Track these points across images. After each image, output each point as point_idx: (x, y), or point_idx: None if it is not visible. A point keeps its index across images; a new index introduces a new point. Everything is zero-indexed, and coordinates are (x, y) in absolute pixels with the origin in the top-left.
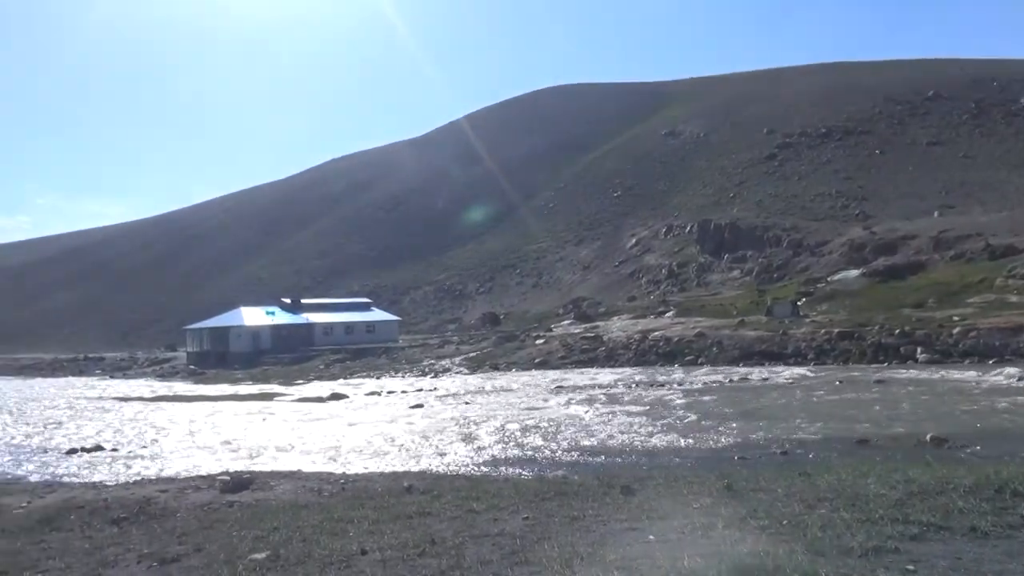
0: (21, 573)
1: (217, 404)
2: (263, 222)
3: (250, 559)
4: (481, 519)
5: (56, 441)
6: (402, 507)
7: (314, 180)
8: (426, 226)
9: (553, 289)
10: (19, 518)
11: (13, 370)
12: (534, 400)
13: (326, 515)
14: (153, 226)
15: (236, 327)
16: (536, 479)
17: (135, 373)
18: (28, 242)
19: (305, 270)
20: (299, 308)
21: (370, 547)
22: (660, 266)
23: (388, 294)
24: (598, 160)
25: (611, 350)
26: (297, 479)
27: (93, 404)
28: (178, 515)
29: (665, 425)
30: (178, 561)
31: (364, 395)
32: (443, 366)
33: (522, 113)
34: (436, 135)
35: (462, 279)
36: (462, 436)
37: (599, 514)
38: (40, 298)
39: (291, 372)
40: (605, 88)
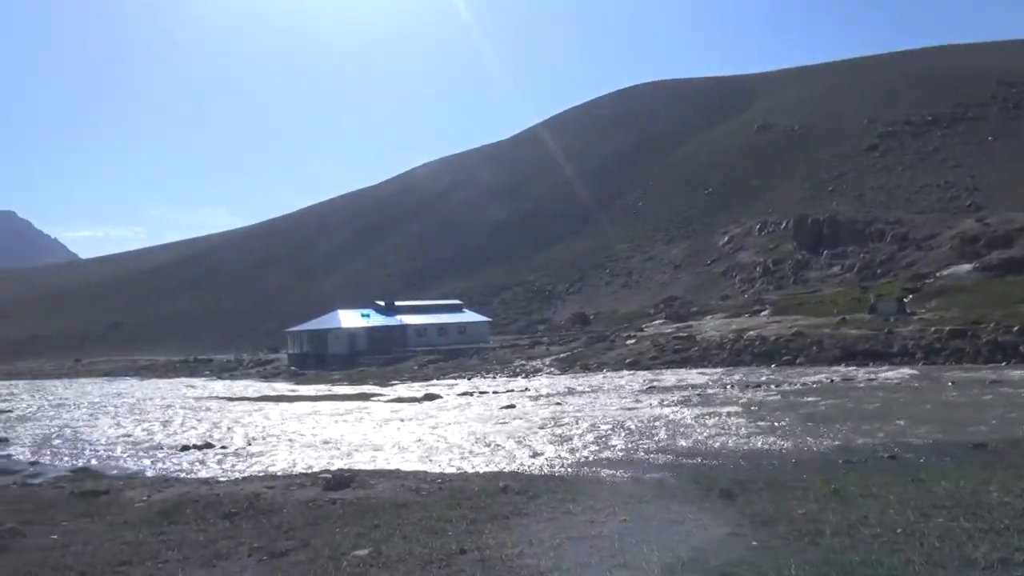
0: (144, 562)
1: (316, 404)
2: (358, 227)
3: (353, 555)
4: (577, 521)
5: (170, 438)
6: (498, 507)
7: (406, 185)
8: (515, 227)
9: (643, 289)
10: (140, 511)
11: (131, 371)
12: (626, 401)
13: (425, 514)
14: (256, 233)
15: (334, 329)
16: (632, 481)
17: (240, 374)
18: (144, 250)
19: (398, 273)
20: (393, 310)
21: (469, 547)
22: (754, 264)
23: (478, 295)
24: (688, 157)
25: (704, 350)
26: (395, 478)
27: (202, 403)
28: (284, 511)
29: (763, 427)
30: (286, 556)
31: (457, 395)
32: (534, 367)
33: (609, 112)
34: (523, 136)
35: (551, 280)
36: (555, 437)
37: (699, 518)
38: (155, 303)
39: (386, 373)
40: (693, 83)
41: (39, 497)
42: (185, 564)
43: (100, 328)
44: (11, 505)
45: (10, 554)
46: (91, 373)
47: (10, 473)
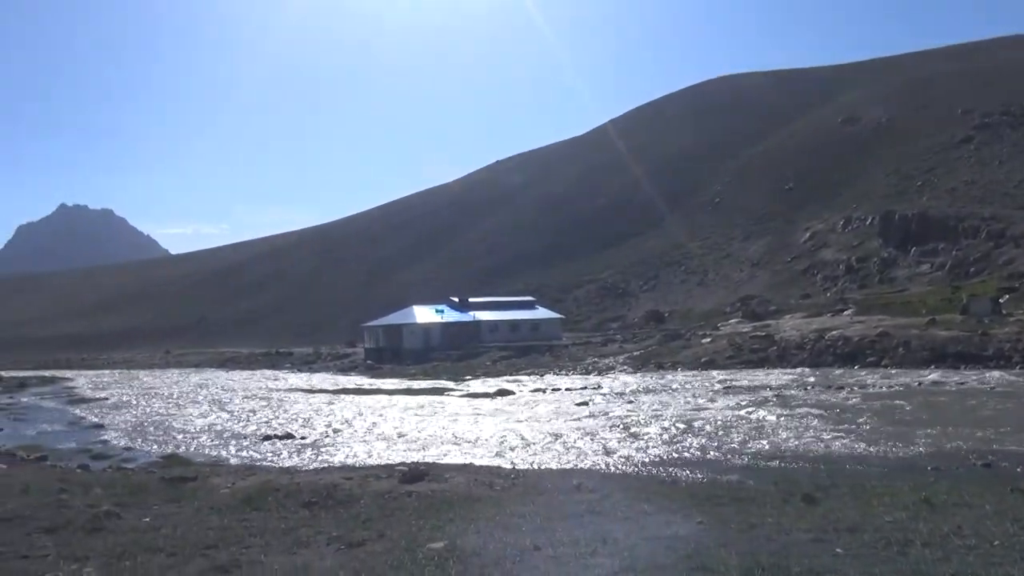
0: (229, 547)
1: (392, 398)
2: (433, 223)
3: (428, 548)
4: (653, 521)
5: (252, 428)
6: (572, 505)
7: (480, 182)
8: (588, 223)
9: (719, 287)
10: (225, 497)
11: (216, 363)
12: (701, 400)
13: (498, 509)
14: (334, 229)
15: (409, 324)
16: (708, 482)
17: (319, 367)
18: (228, 247)
19: (472, 269)
20: (467, 306)
21: (542, 543)
22: (837, 261)
23: (551, 292)
24: (767, 152)
25: (783, 350)
26: (469, 472)
27: (283, 395)
28: (361, 502)
29: (846, 430)
30: (363, 546)
31: (529, 392)
32: (607, 364)
33: (686, 106)
34: (598, 132)
35: (625, 277)
36: (628, 435)
37: (779, 522)
38: (239, 298)
39: (459, 368)
40: (774, 76)
41: (132, 481)
42: (267, 550)
43: (189, 321)
44: (107, 488)
45: (107, 534)
46: (180, 364)
47: (106, 458)
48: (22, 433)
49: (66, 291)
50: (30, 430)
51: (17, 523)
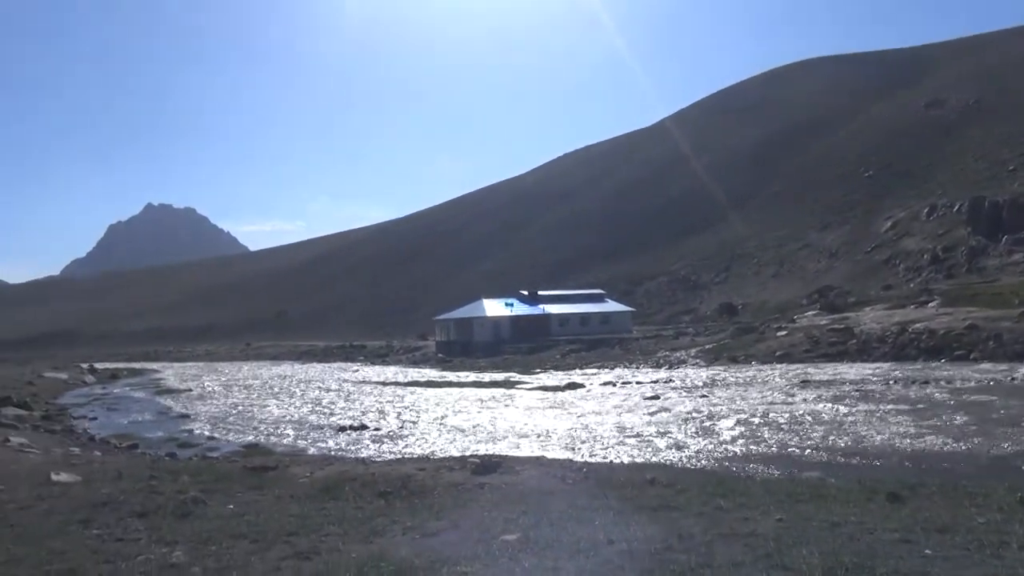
0: (309, 535)
1: (462, 390)
2: (502, 217)
3: (502, 539)
4: (730, 517)
5: (328, 419)
6: (646, 499)
7: (548, 175)
8: (659, 215)
9: (795, 278)
10: (304, 486)
11: (294, 355)
12: (777, 395)
13: (570, 502)
14: (405, 225)
15: (479, 318)
16: (787, 479)
17: (391, 360)
18: (305, 243)
19: (540, 262)
20: (536, 300)
21: (616, 537)
22: (921, 251)
23: (621, 285)
24: (846, 138)
25: (863, 343)
26: (541, 465)
27: (357, 387)
28: (435, 492)
29: (932, 427)
30: (437, 536)
31: (599, 385)
32: (678, 358)
33: (761, 93)
34: (667, 123)
35: (696, 269)
36: (701, 429)
37: (863, 521)
38: (315, 292)
39: (529, 361)
40: (852, 59)
41: (217, 469)
42: (345, 538)
43: (267, 315)
44: (194, 476)
45: (194, 519)
46: (259, 357)
47: (192, 446)
48: (115, 422)
49: (153, 287)
50: (122, 419)
51: (112, 507)
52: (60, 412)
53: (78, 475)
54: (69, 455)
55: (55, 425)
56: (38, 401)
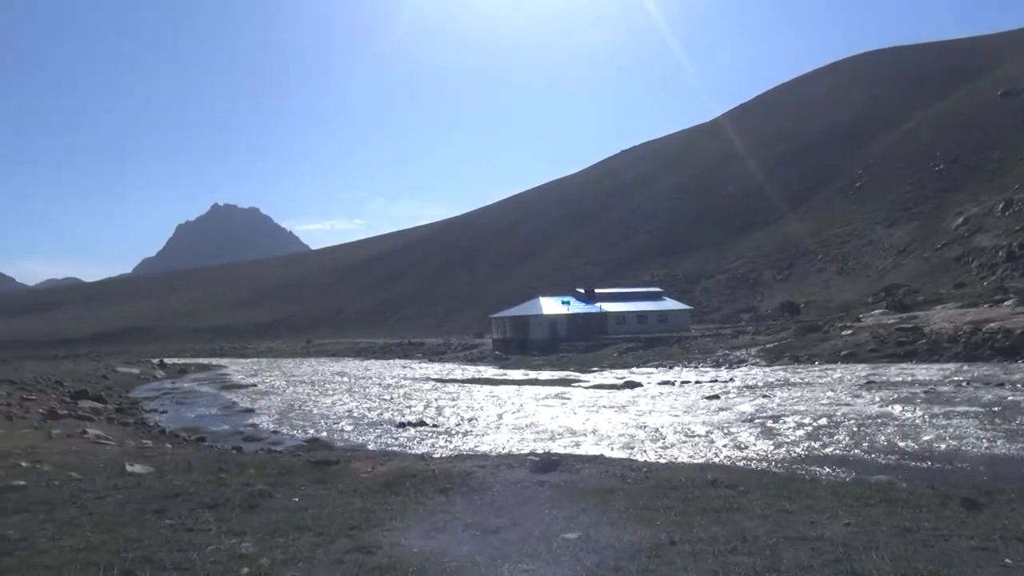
0: (371, 529)
1: (519, 388)
2: (558, 215)
3: (563, 538)
4: (795, 520)
5: (387, 415)
6: (708, 500)
7: (604, 173)
8: (718, 212)
9: (860, 276)
10: (366, 481)
11: (353, 352)
12: (842, 395)
13: (631, 502)
14: (462, 223)
15: (535, 316)
16: (854, 482)
17: (449, 357)
18: (363, 241)
19: (597, 260)
20: (593, 297)
21: (679, 538)
22: (996, 247)
23: (679, 283)
24: (914, 131)
25: (933, 343)
26: (600, 464)
27: (415, 384)
28: (494, 490)
29: (1009, 431)
30: (497, 533)
31: (657, 384)
32: (738, 357)
33: (823, 86)
34: (727, 118)
35: (757, 266)
36: (762, 430)
37: (937, 527)
38: (373, 290)
39: (586, 359)
40: (920, 49)
41: (281, 463)
42: (407, 533)
43: (327, 313)
44: (260, 469)
45: (261, 511)
46: (320, 353)
47: (257, 440)
48: (184, 416)
49: (219, 285)
50: (190, 413)
51: (183, 498)
52: (133, 405)
53: (151, 467)
54: (142, 447)
55: (128, 418)
56: (112, 395)
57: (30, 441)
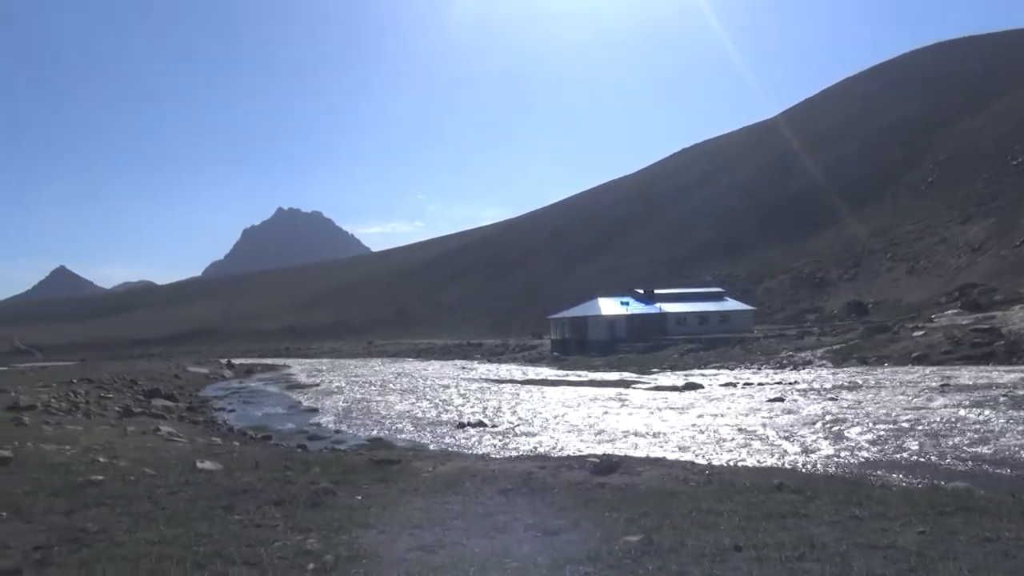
0: (433, 528)
1: (578, 389)
2: (617, 215)
3: (624, 540)
4: (866, 527)
5: (447, 415)
6: (774, 505)
7: (664, 172)
8: (780, 211)
9: (932, 275)
10: (427, 481)
11: (413, 353)
12: (913, 399)
13: (694, 505)
14: (521, 224)
15: (594, 317)
16: (928, 488)
17: (507, 358)
18: (423, 243)
19: (656, 260)
20: (652, 298)
21: (744, 543)
22: None
23: (741, 283)
24: (990, 123)
25: (1013, 344)
26: (662, 466)
27: (474, 385)
28: (555, 491)
29: None
30: (558, 534)
31: (719, 386)
32: (803, 358)
33: (893, 79)
34: (791, 113)
35: (823, 266)
36: (829, 434)
37: (1019, 537)
38: (433, 291)
39: (645, 360)
40: (994, 39)
41: (344, 462)
42: (468, 533)
43: (388, 314)
44: (324, 467)
45: (325, 509)
46: (381, 354)
47: (320, 439)
48: (251, 415)
49: (283, 287)
50: (257, 412)
51: (251, 495)
52: (202, 404)
53: (220, 463)
54: (211, 444)
55: (198, 416)
56: (183, 393)
57: (107, 438)
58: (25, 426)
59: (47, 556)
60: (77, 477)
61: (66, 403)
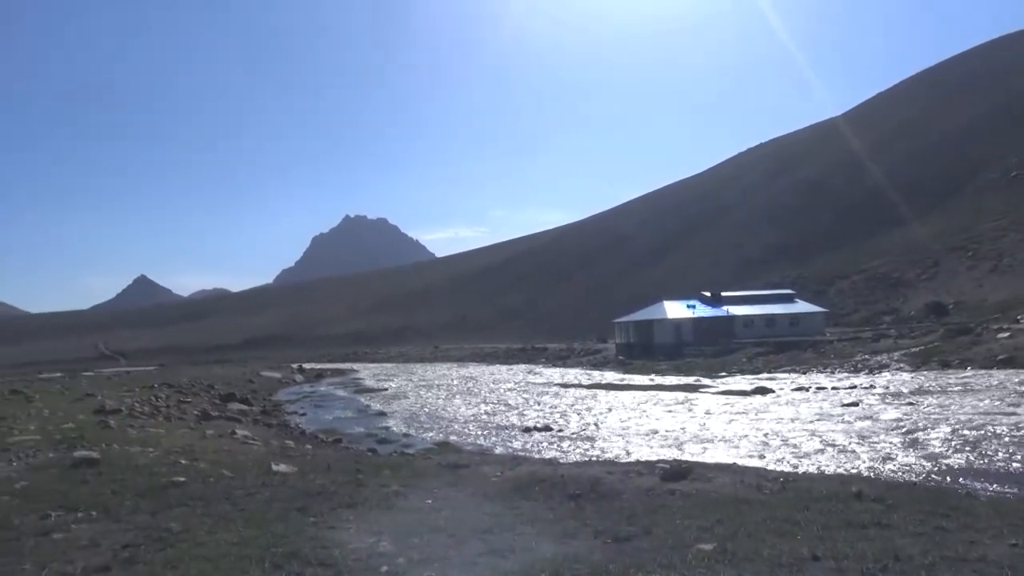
0: (503, 532)
1: (644, 393)
2: (682, 216)
3: (697, 549)
4: (953, 539)
5: (513, 420)
6: (853, 514)
7: (729, 172)
8: (853, 209)
9: (1017, 274)
10: (496, 485)
11: (478, 357)
12: (1000, 404)
13: (769, 513)
14: (584, 227)
15: (659, 320)
16: (1019, 499)
17: (572, 362)
18: (487, 248)
19: (722, 262)
20: (719, 301)
21: (822, 553)
22: None
23: (811, 284)
24: None
25: None
26: (733, 472)
27: (539, 389)
28: (624, 497)
29: None
30: (629, 541)
31: (791, 390)
32: (879, 362)
33: (973, 70)
34: (860, 110)
35: (899, 265)
36: (908, 440)
37: None
38: (497, 295)
39: (713, 364)
40: None
41: (414, 465)
42: (538, 538)
43: (453, 318)
44: (394, 471)
45: (396, 512)
46: (446, 358)
47: (390, 442)
48: (322, 418)
49: (351, 293)
50: (327, 416)
51: (324, 497)
52: (275, 408)
53: (294, 466)
54: (285, 447)
55: (272, 419)
56: (257, 397)
57: (187, 440)
58: (111, 429)
59: (135, 555)
60: (160, 478)
61: (148, 407)
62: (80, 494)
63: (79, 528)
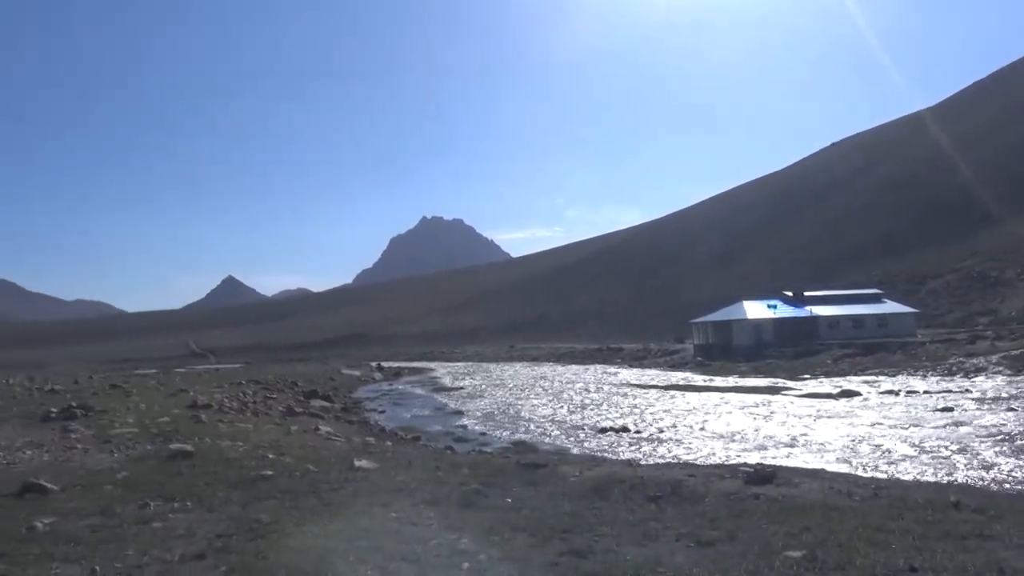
0: (582, 533)
1: (724, 395)
2: (763, 213)
3: (785, 555)
4: None
5: (589, 420)
6: (951, 524)
7: (811, 168)
8: (944, 205)
9: None
10: (575, 485)
11: (553, 357)
12: None
13: (860, 521)
14: (661, 226)
15: (739, 320)
16: None
17: (648, 363)
18: (562, 248)
19: (804, 260)
20: (802, 301)
21: (920, 565)
22: None
23: (900, 284)
24: None
25: None
26: (821, 478)
27: (616, 389)
28: (706, 500)
29: None
30: (713, 546)
31: (879, 394)
32: (975, 365)
33: None
34: (952, 102)
35: (997, 264)
36: (1012, 447)
37: None
38: (572, 294)
39: (795, 366)
40: None
41: (492, 464)
42: (618, 540)
43: (528, 317)
44: (473, 469)
45: (476, 510)
46: (521, 358)
47: (467, 441)
48: (400, 416)
49: (428, 293)
50: (406, 413)
51: (406, 494)
52: (355, 405)
53: (375, 462)
54: (366, 444)
55: (352, 416)
56: (338, 395)
57: (274, 436)
58: (203, 423)
59: (227, 544)
60: (249, 472)
61: (237, 402)
62: (176, 485)
63: (176, 517)
